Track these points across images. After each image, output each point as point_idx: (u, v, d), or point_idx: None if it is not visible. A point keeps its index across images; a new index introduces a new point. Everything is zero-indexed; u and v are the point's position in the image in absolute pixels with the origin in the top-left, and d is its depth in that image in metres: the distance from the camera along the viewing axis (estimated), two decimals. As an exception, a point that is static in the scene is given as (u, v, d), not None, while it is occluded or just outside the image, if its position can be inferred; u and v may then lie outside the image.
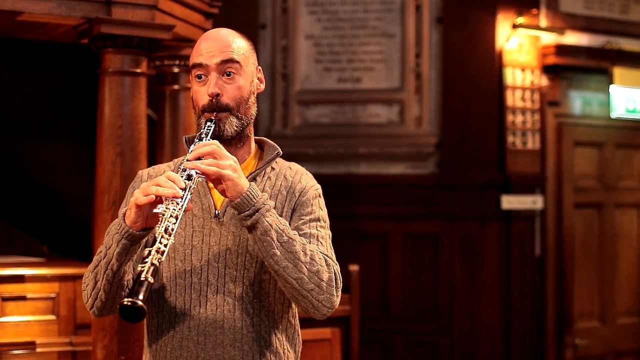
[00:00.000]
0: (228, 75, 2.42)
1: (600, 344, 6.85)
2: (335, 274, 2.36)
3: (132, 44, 3.98)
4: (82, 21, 3.99)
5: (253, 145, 2.54)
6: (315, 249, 2.34)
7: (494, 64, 6.40)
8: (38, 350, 4.38)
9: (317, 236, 2.42)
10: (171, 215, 2.16)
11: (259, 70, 2.55)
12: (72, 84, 5.19)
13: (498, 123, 6.41)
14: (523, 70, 6.46)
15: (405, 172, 6.47)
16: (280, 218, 2.31)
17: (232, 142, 2.44)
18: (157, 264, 2.11)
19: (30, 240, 5.21)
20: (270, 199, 2.40)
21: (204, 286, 2.38)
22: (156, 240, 2.14)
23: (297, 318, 2.56)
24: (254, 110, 2.49)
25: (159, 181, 2.20)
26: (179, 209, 2.18)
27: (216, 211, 2.41)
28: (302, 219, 2.43)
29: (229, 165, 2.24)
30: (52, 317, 4.47)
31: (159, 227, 2.15)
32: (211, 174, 2.23)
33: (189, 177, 2.23)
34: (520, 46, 6.43)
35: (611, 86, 6.74)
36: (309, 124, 6.55)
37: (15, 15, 3.95)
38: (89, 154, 4.29)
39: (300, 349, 2.58)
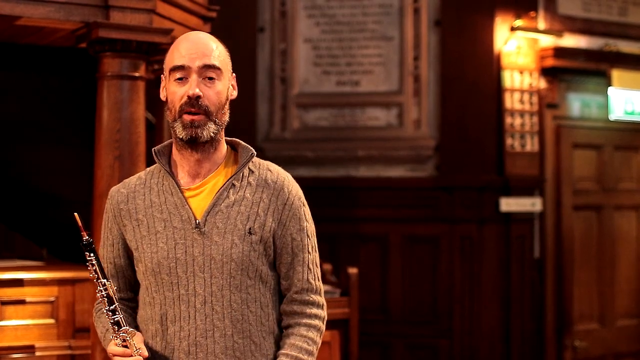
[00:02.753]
0: (210, 79, 2.41)
1: (600, 345, 6.85)
2: (323, 320, 2.53)
3: (130, 48, 3.98)
4: (81, 25, 4.00)
5: (225, 147, 2.52)
6: (313, 344, 2.49)
7: (492, 67, 6.40)
8: (37, 353, 4.38)
9: (310, 262, 2.50)
10: None
11: (233, 77, 2.53)
12: (71, 88, 5.19)
13: (497, 125, 6.42)
14: (521, 72, 6.47)
15: (404, 175, 6.47)
16: None
17: (206, 147, 2.43)
18: None
19: (30, 244, 5.21)
20: (252, 206, 2.43)
21: (191, 297, 2.39)
22: None
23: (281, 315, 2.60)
24: (227, 116, 2.47)
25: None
26: None
27: (196, 221, 2.40)
28: (294, 240, 2.47)
29: None
30: (51, 320, 4.47)
31: None
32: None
33: (124, 340, 2.36)
34: (518, 49, 6.44)
35: (609, 88, 6.74)
36: (308, 127, 6.55)
37: (14, 20, 3.95)
38: (87, 158, 4.29)
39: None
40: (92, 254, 2.35)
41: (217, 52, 2.44)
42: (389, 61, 6.54)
